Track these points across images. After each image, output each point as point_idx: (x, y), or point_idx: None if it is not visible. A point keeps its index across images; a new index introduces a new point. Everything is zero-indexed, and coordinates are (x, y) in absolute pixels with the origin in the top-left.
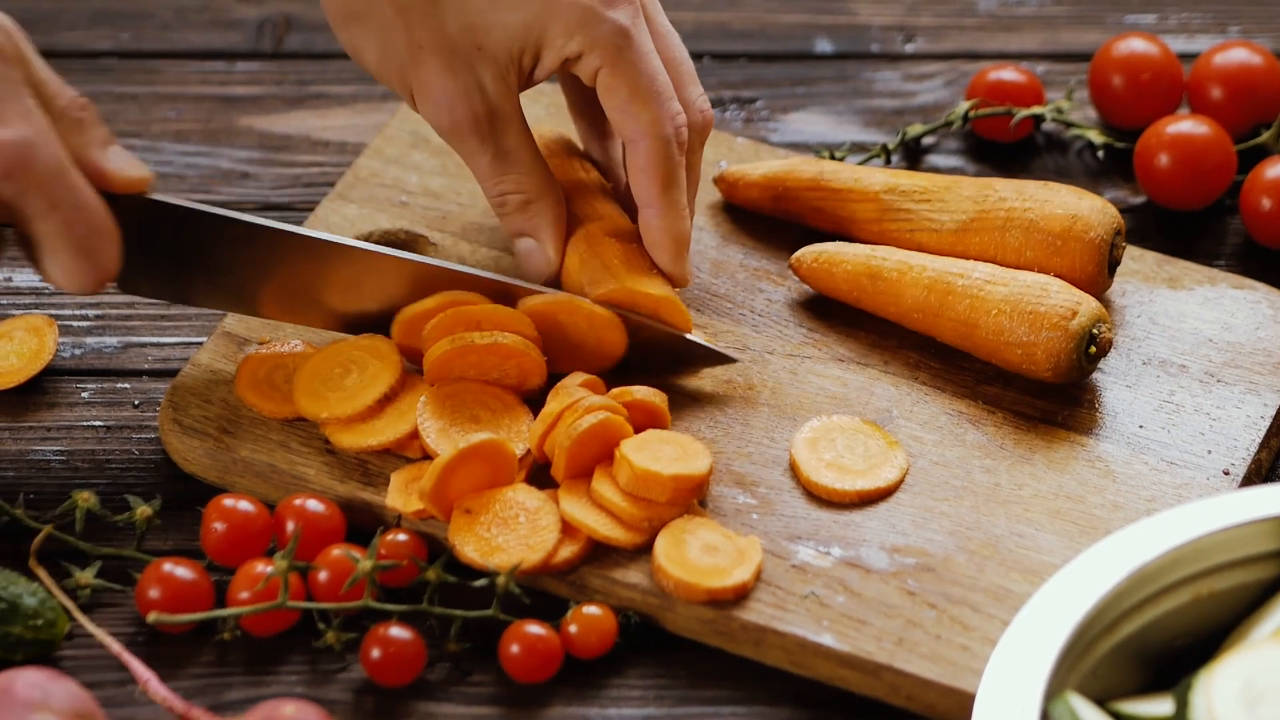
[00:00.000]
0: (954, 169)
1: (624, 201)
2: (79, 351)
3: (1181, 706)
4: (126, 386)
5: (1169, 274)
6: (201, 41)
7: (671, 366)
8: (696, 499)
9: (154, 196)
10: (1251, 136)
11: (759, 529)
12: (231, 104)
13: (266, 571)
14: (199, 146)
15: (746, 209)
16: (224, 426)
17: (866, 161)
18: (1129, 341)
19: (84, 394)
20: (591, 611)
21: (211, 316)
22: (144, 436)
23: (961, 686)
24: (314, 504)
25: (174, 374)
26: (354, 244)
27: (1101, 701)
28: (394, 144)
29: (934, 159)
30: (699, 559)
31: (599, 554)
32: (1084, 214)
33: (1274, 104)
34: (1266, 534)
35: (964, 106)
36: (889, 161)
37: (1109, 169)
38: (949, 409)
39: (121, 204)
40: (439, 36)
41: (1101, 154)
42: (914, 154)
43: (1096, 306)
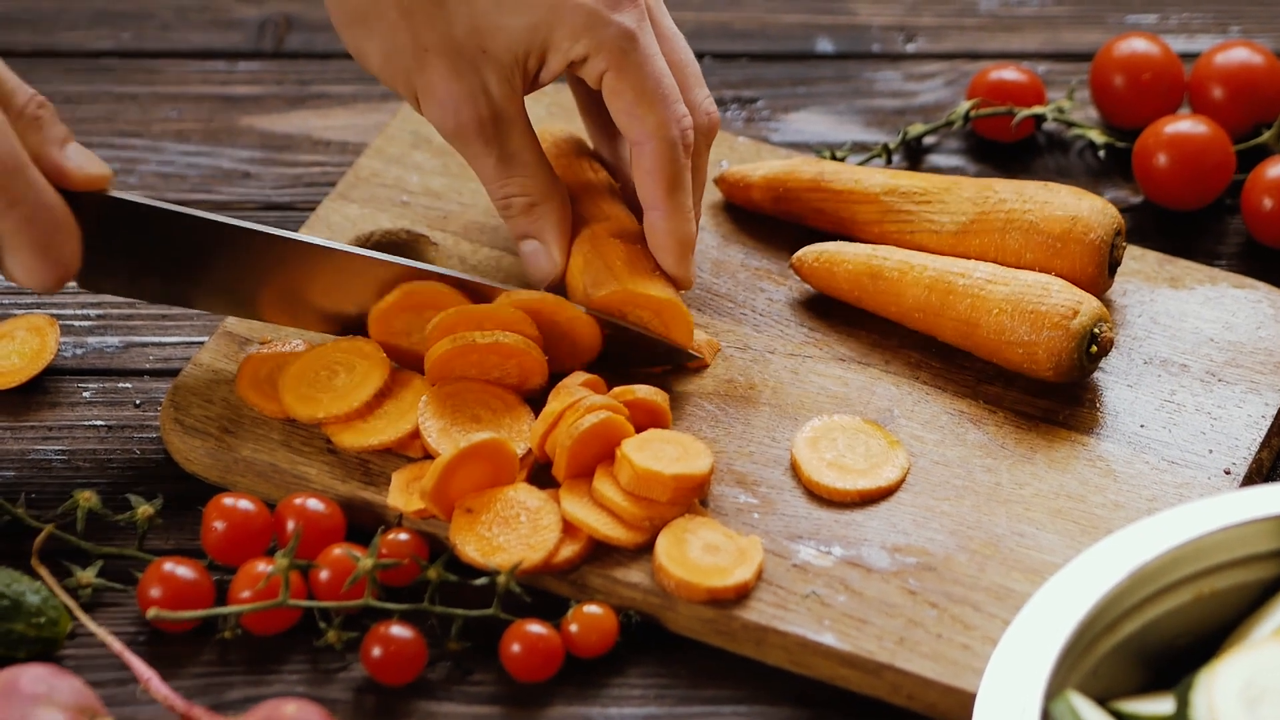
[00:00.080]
0: (955, 169)
1: (631, 202)
2: (80, 351)
3: (1182, 706)
4: (128, 386)
5: (1170, 273)
6: (202, 41)
7: (646, 363)
8: (698, 498)
9: (113, 194)
10: (1252, 136)
11: (760, 528)
12: (232, 104)
13: (267, 570)
14: (200, 146)
15: (747, 209)
16: (225, 426)
17: (867, 161)
18: (1130, 341)
19: (85, 393)
20: (592, 611)
21: (212, 317)
22: (145, 436)
23: (962, 686)
24: (315, 503)
25: (175, 374)
26: (313, 241)
27: (1102, 701)
28: (395, 144)
29: (935, 159)
30: (700, 558)
31: (600, 553)
32: (1084, 215)
33: (1275, 104)
34: (1267, 533)
35: (965, 106)
36: (890, 161)
37: (1110, 169)
38: (950, 408)
39: (82, 201)
40: (444, 39)
41: (1103, 154)
42: (915, 154)
43: (1098, 306)
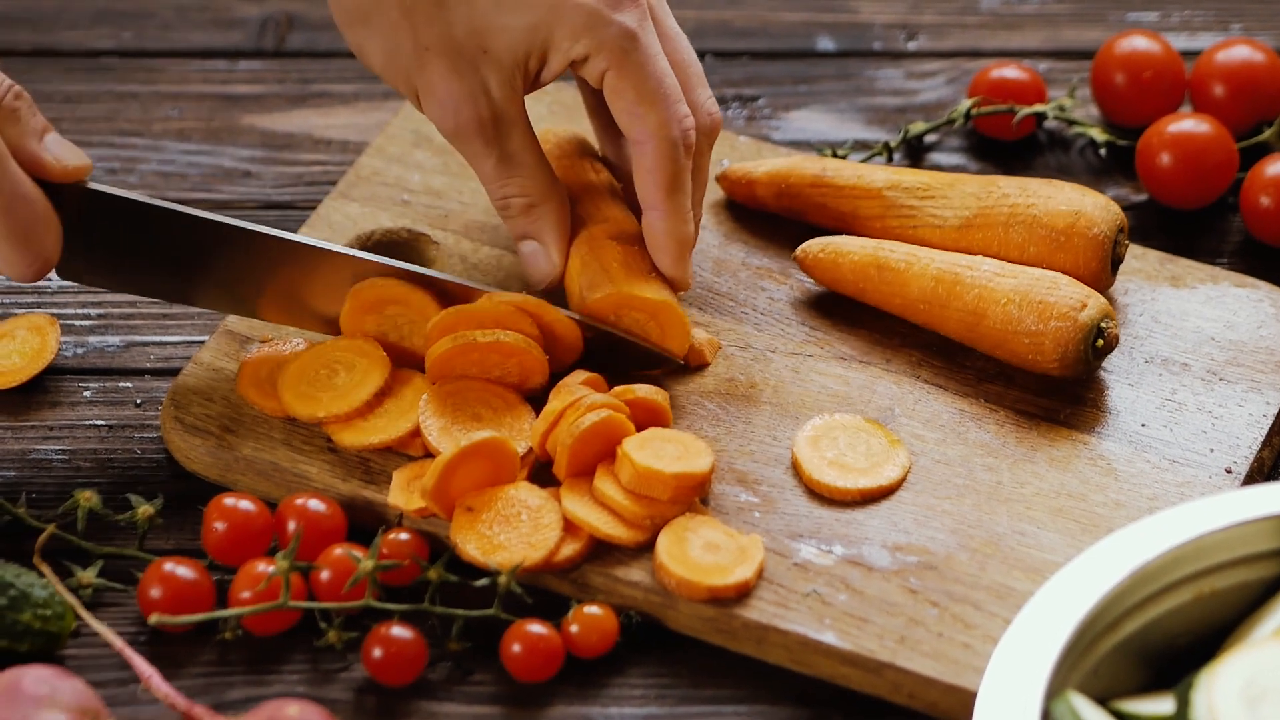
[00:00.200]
0: (956, 167)
1: (633, 203)
2: (81, 350)
3: (1183, 705)
4: (128, 385)
5: (1171, 272)
6: (203, 40)
7: (633, 366)
8: (698, 497)
9: (92, 186)
10: (1253, 134)
11: (761, 527)
12: (233, 103)
13: (268, 571)
14: (201, 145)
15: (749, 207)
16: (226, 425)
17: (869, 160)
18: (1131, 340)
19: (86, 393)
20: (593, 611)
21: (213, 316)
22: (146, 435)
23: (963, 685)
24: (315, 503)
25: (176, 373)
26: (291, 237)
27: (1103, 700)
28: (396, 142)
29: (936, 157)
30: (701, 557)
31: (601, 552)
32: (1087, 210)
33: (1276, 101)
34: (1268, 532)
35: (966, 104)
36: (891, 159)
37: (1111, 167)
38: (951, 407)
39: (62, 193)
40: (445, 39)
41: (1104, 152)
42: (916, 152)
43: (1104, 302)
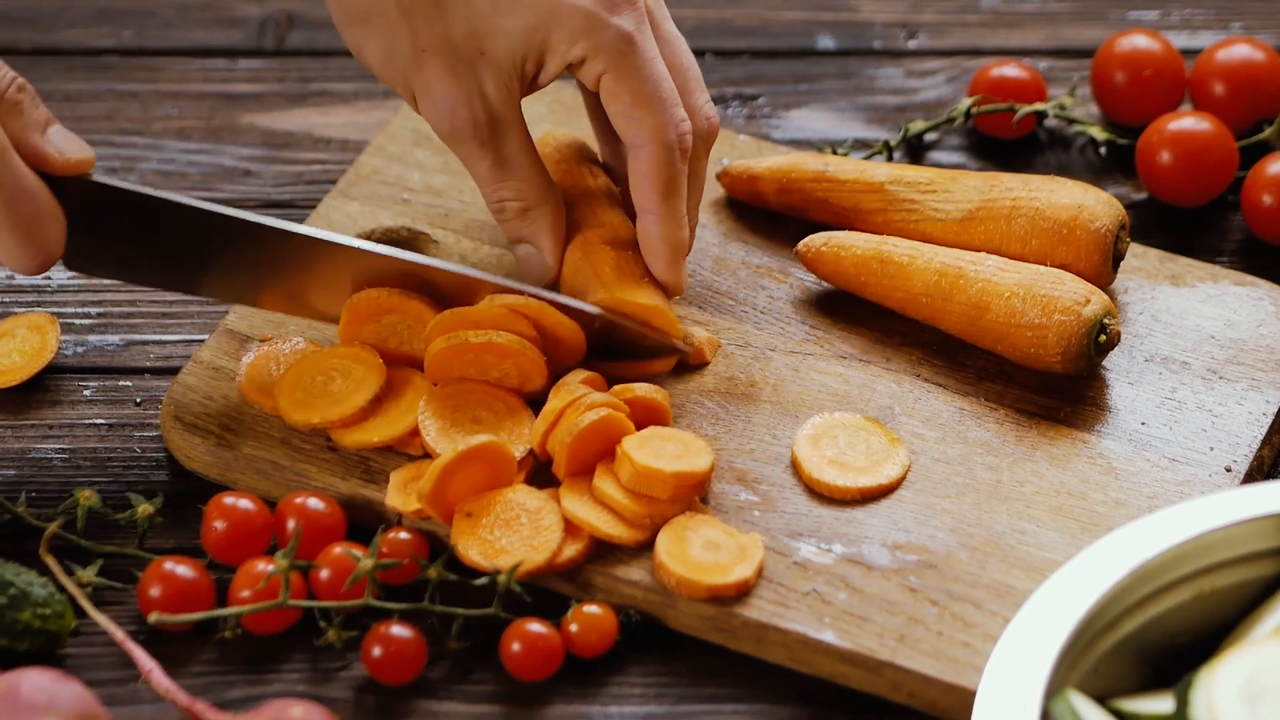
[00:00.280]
0: (956, 165)
1: (630, 206)
2: (81, 349)
3: (1182, 704)
4: (128, 384)
5: (1171, 271)
6: (203, 39)
7: (636, 356)
8: (698, 496)
9: (96, 179)
10: (1254, 132)
11: (760, 526)
12: (234, 101)
13: (267, 570)
14: (201, 144)
15: (750, 204)
16: (226, 424)
17: (869, 158)
18: (1131, 338)
19: (86, 392)
20: (592, 610)
21: (213, 315)
22: (146, 434)
23: (963, 683)
24: (315, 502)
25: (176, 371)
26: (296, 229)
27: (1102, 699)
28: (396, 141)
29: (936, 155)
30: (701, 556)
31: (601, 551)
32: (1090, 204)
33: (1276, 100)
34: (1268, 531)
35: (966, 103)
36: (891, 158)
37: (1111, 166)
38: (951, 406)
39: (65, 185)
40: (442, 40)
41: (1104, 150)
42: (916, 150)
43: (1107, 299)
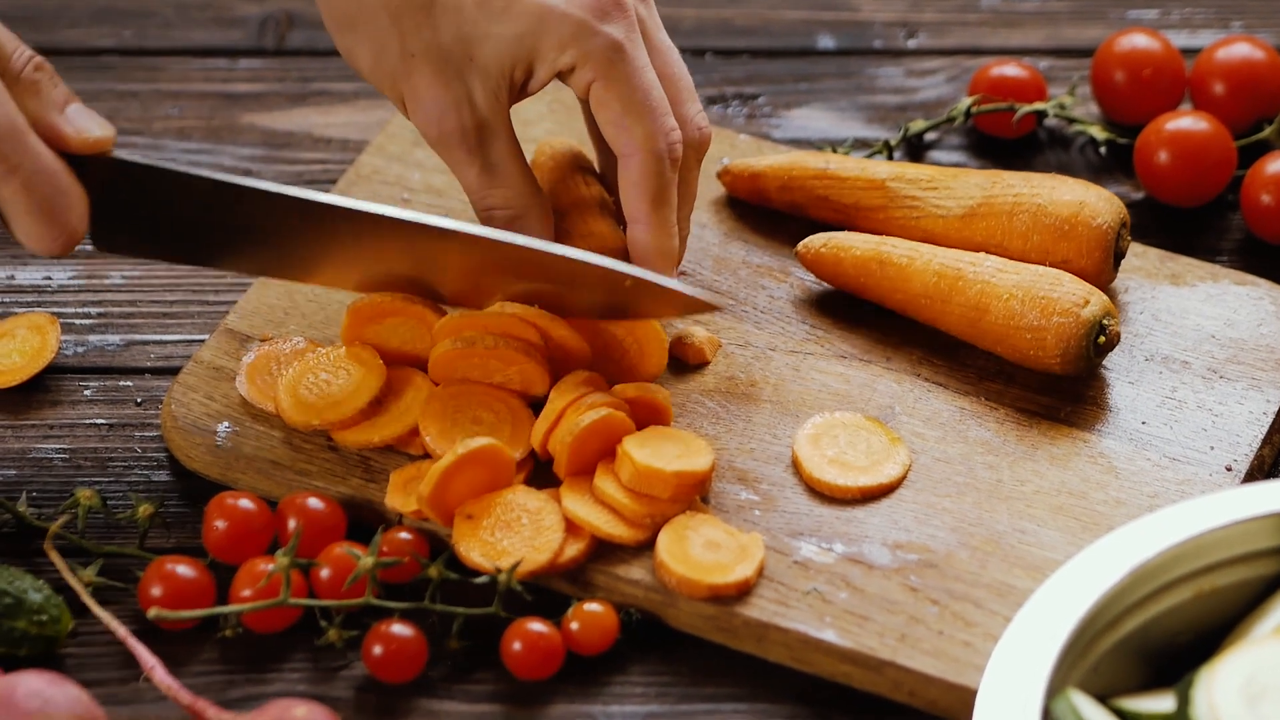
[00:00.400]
0: (956, 165)
1: (621, 216)
2: (81, 349)
3: (1183, 703)
4: (129, 384)
5: (1171, 270)
6: (204, 39)
7: (670, 315)
8: (699, 495)
9: (117, 155)
10: (1253, 132)
11: (761, 525)
12: (234, 101)
13: (268, 569)
14: (201, 144)
15: (750, 202)
16: (226, 424)
17: (869, 158)
18: (1132, 338)
19: (86, 392)
20: (593, 609)
21: (214, 314)
22: (146, 434)
23: (964, 683)
24: (315, 501)
25: (176, 371)
26: (319, 198)
27: (1103, 698)
28: (396, 141)
29: (936, 155)
30: (701, 555)
31: (602, 551)
32: (1091, 201)
33: (1276, 99)
34: (1269, 530)
35: (966, 102)
36: (891, 158)
37: (1111, 165)
38: (952, 405)
39: (87, 164)
40: (432, 46)
41: (1104, 150)
42: (916, 150)
43: (1106, 300)
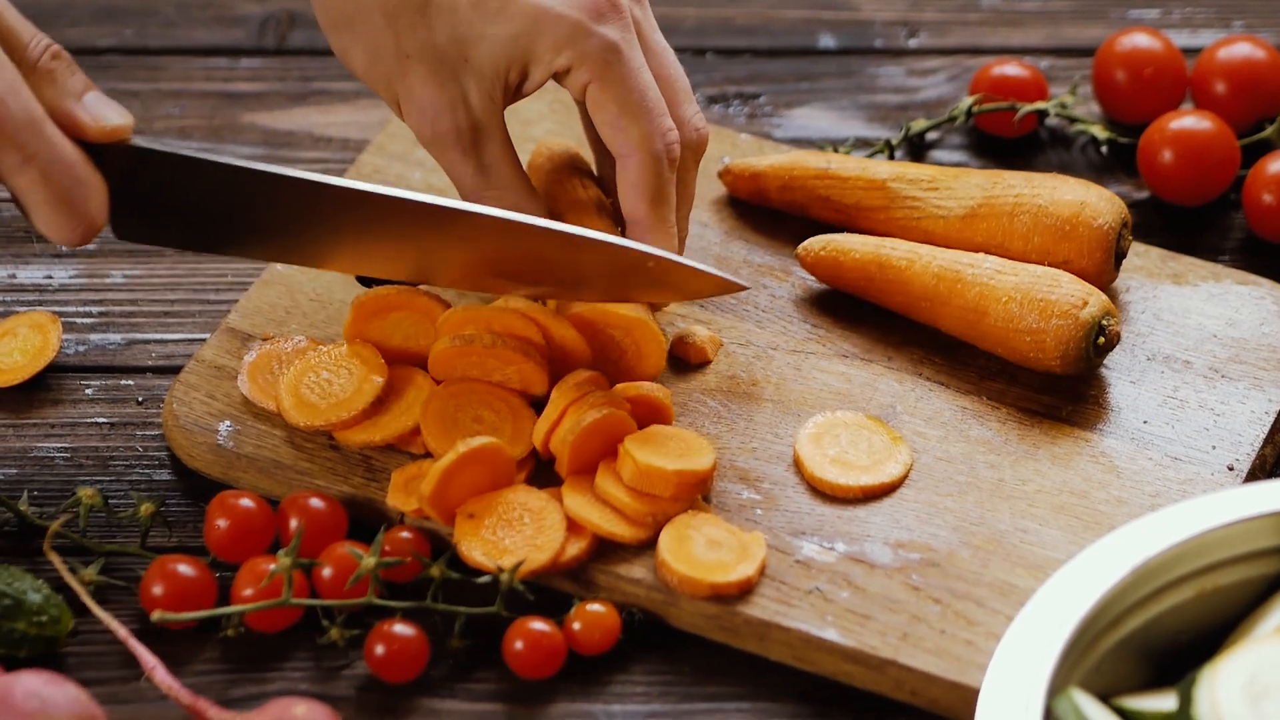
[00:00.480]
0: (957, 164)
1: (619, 217)
2: (83, 348)
3: (1185, 702)
4: (130, 383)
5: (1173, 270)
6: (205, 38)
7: (693, 296)
8: (700, 494)
9: (136, 143)
10: (1255, 131)
11: (763, 524)
12: (235, 100)
13: (270, 568)
14: (202, 143)
15: (751, 202)
16: (227, 423)
17: (870, 157)
18: (1133, 337)
19: (88, 390)
20: (595, 608)
21: (215, 313)
22: (148, 433)
23: (966, 682)
24: (317, 500)
25: (177, 370)
26: (341, 183)
27: (1105, 697)
28: (397, 140)
29: (937, 154)
30: (703, 554)
31: (603, 550)
32: (1092, 202)
33: (1277, 99)
34: (1270, 529)
35: (967, 102)
36: (893, 157)
37: (1112, 164)
38: (953, 404)
39: (105, 153)
40: (427, 46)
41: (1105, 149)
42: (917, 149)
43: (1106, 300)
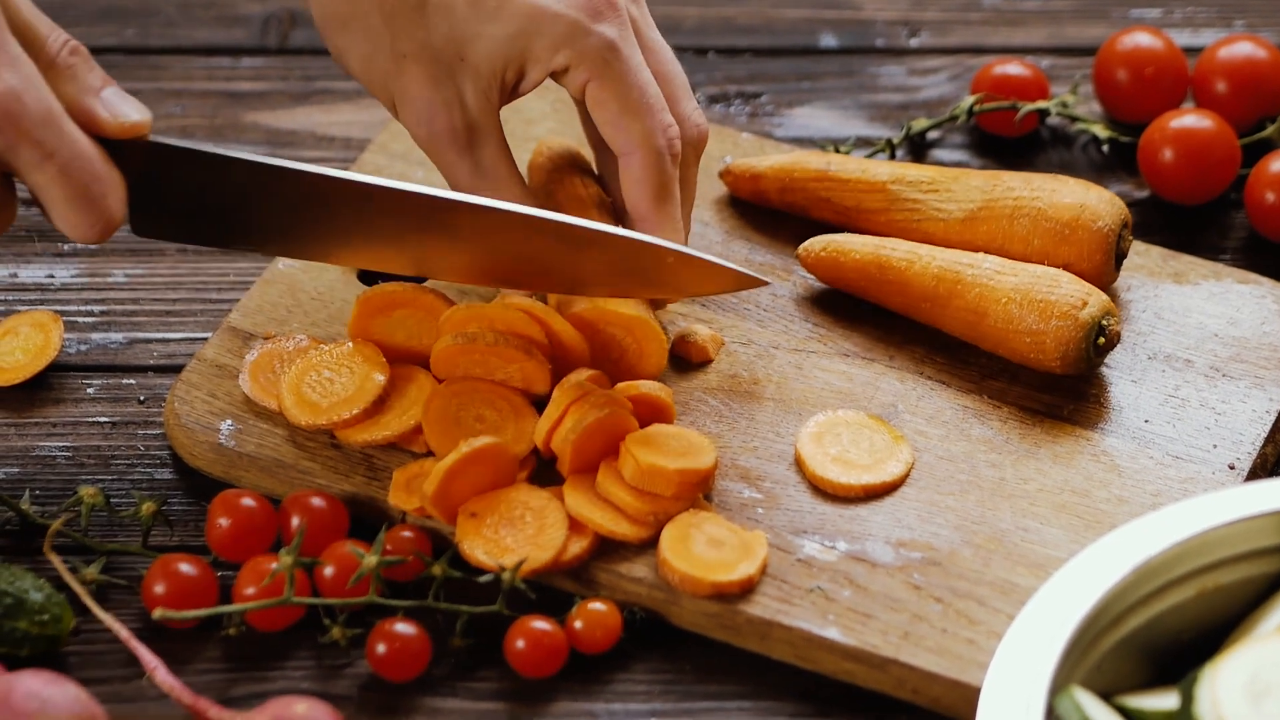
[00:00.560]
0: (959, 164)
1: (622, 216)
2: (84, 347)
3: (1187, 701)
4: (132, 382)
5: (1174, 269)
6: (207, 37)
7: (714, 291)
8: (702, 493)
9: (155, 139)
10: (1256, 130)
11: (764, 523)
12: (237, 100)
13: (272, 567)
14: (205, 143)
15: (752, 203)
16: (229, 422)
17: (871, 156)
18: (1134, 336)
19: (89, 390)
20: (596, 607)
21: (217, 312)
22: (149, 432)
23: (967, 680)
24: (318, 499)
25: (179, 369)
26: (362, 179)
27: (1107, 696)
28: (399, 139)
29: (938, 154)
30: (704, 553)
31: (605, 549)
32: (1092, 204)
33: (1278, 98)
34: (1272, 528)
35: (969, 101)
36: (894, 156)
37: (1114, 163)
38: (954, 403)
39: (124, 149)
40: (423, 46)
41: (1106, 148)
42: (918, 149)
43: (1106, 299)
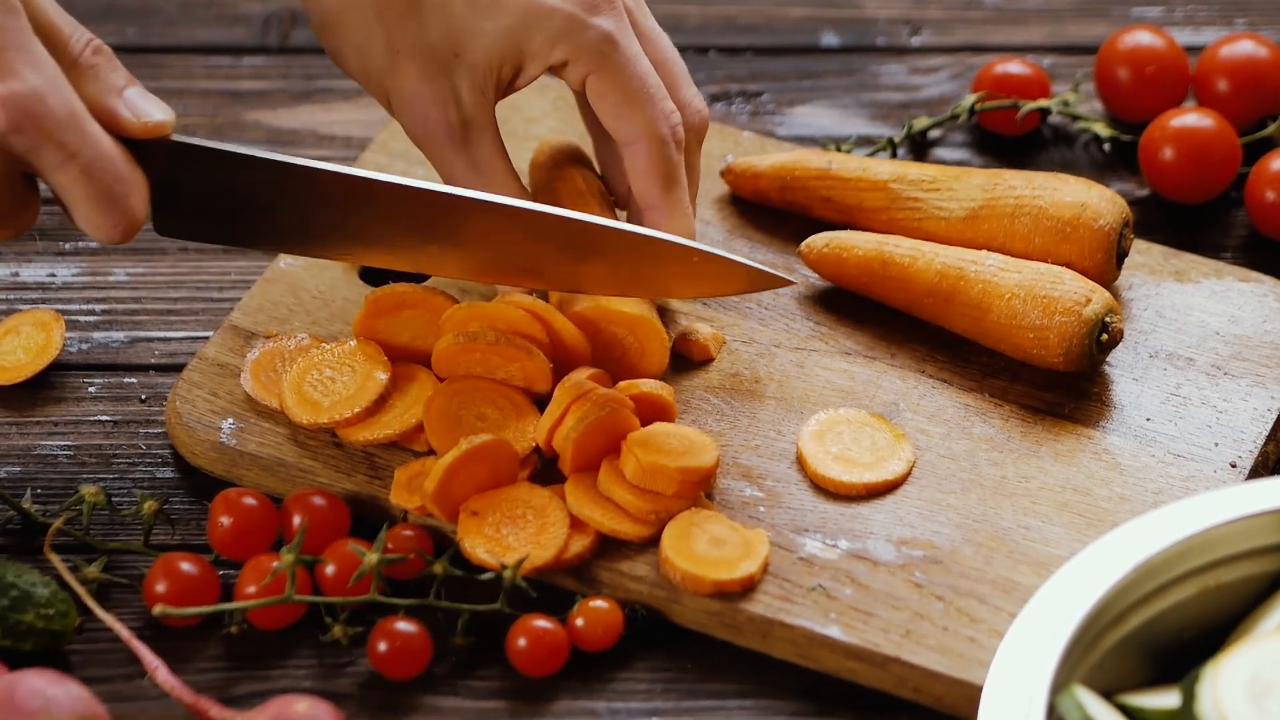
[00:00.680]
0: (960, 162)
1: (625, 208)
2: (86, 346)
3: (1188, 699)
4: (133, 381)
5: (1175, 267)
6: (207, 36)
7: (740, 291)
8: (703, 492)
9: (178, 139)
10: (1258, 129)
11: (766, 521)
12: (238, 99)
13: (273, 565)
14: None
15: (753, 201)
16: (231, 420)
17: (872, 155)
18: (1136, 334)
19: (91, 389)
20: (598, 605)
21: (218, 311)
22: (151, 431)
23: (969, 678)
24: (320, 498)
25: (181, 368)
26: (384, 178)
27: (1108, 694)
28: (400, 138)
29: (940, 152)
30: (706, 551)
31: (607, 547)
32: (1093, 203)
33: (1279, 96)
34: (1273, 526)
35: (970, 99)
36: (895, 155)
37: (1115, 162)
38: (956, 402)
39: (147, 148)
40: (418, 42)
41: (1108, 147)
42: (920, 147)
43: (1109, 296)
